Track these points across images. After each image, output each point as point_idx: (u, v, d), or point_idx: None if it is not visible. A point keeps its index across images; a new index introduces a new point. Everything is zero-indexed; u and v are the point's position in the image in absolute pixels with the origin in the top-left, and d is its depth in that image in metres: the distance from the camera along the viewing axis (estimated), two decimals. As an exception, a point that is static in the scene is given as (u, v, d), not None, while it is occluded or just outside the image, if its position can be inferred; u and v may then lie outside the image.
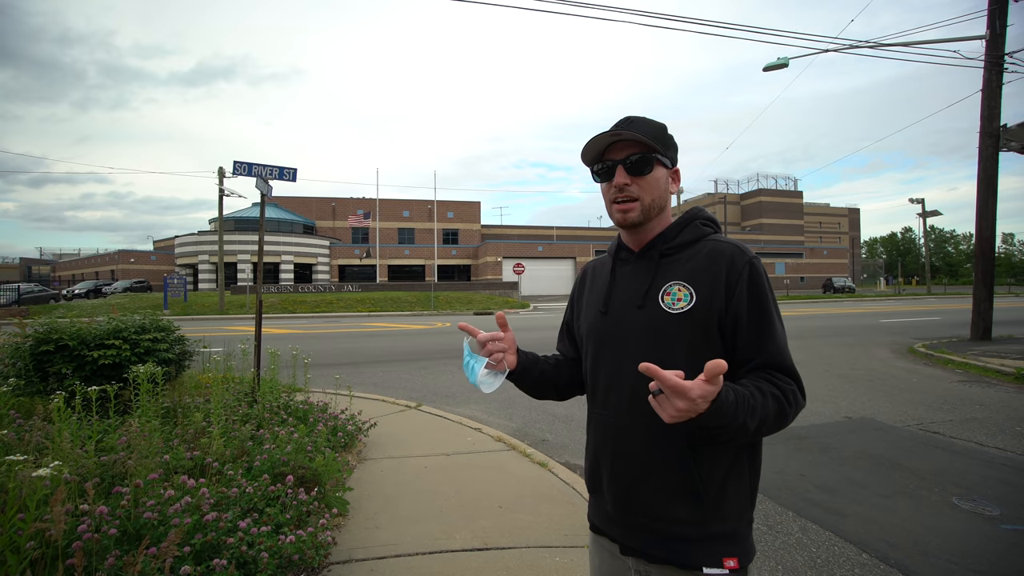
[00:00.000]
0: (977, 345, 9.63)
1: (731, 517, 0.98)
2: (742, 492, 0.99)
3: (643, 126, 1.04)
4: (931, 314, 18.91)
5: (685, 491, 0.96)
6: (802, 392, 0.97)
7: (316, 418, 4.01)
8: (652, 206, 1.05)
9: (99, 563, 1.73)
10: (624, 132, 1.02)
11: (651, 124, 1.05)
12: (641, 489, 1.00)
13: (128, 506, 2.03)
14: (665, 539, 0.98)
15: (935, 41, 10.28)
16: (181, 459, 2.68)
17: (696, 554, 0.96)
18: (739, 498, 0.99)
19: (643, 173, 1.03)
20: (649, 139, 1.02)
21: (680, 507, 0.97)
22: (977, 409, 5.43)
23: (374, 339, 12.86)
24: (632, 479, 1.01)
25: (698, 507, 0.96)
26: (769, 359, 0.96)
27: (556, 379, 1.22)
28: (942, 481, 3.49)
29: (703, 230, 1.08)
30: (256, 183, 4.78)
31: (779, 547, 2.68)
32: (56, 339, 3.70)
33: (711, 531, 0.97)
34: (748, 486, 1.01)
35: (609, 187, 1.07)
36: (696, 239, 1.06)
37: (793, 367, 0.97)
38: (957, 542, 2.68)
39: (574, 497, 3.19)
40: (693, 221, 1.09)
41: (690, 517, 0.97)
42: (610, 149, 1.05)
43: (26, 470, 1.52)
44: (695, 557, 0.96)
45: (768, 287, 1.00)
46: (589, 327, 1.13)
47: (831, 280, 43.37)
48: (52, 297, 28.93)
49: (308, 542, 2.23)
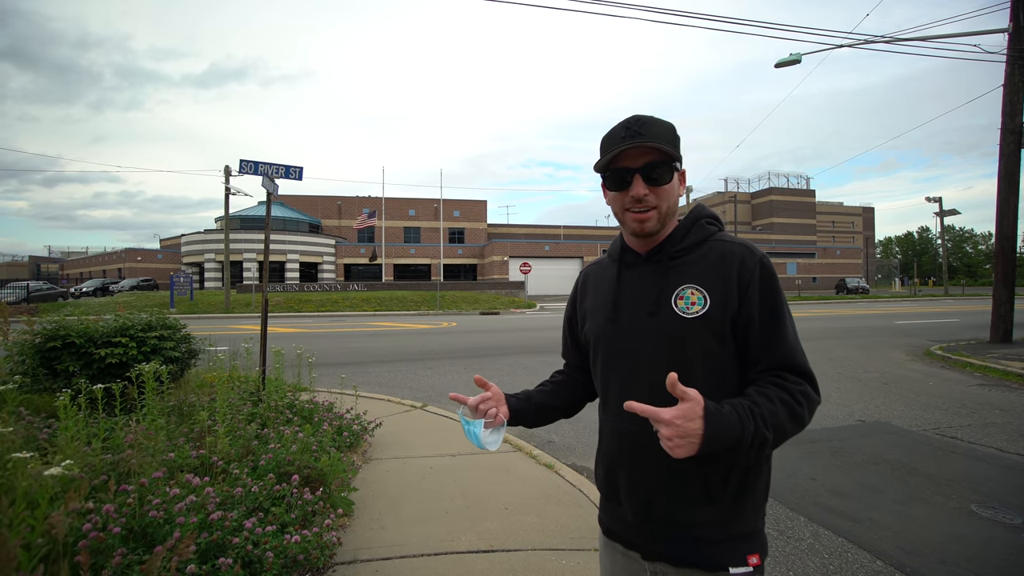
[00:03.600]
0: (997, 348, 9.47)
1: (751, 516, 0.99)
2: (759, 490, 1.01)
3: (658, 128, 0.99)
4: (948, 315, 18.63)
5: (705, 493, 0.97)
6: (815, 389, 0.97)
7: (321, 418, 4.03)
8: (668, 213, 1.03)
9: (105, 561, 1.75)
10: (644, 141, 0.96)
11: (664, 125, 1.01)
12: (661, 499, 1.00)
13: (134, 504, 2.05)
14: (690, 542, 0.98)
15: (955, 35, 10.11)
16: (186, 458, 2.70)
17: (721, 555, 0.96)
18: (756, 496, 1.00)
19: (661, 182, 0.99)
20: (666, 144, 0.98)
21: (702, 510, 0.97)
22: (997, 414, 5.34)
23: (379, 338, 12.92)
24: (650, 489, 1.01)
25: (720, 510, 0.97)
26: (781, 359, 0.96)
27: (556, 404, 1.24)
28: (960, 487, 3.44)
29: (709, 229, 1.06)
30: (262, 182, 4.82)
31: (790, 553, 2.65)
32: (64, 336, 3.75)
33: (733, 532, 0.98)
34: (764, 484, 1.02)
35: (622, 195, 1.01)
36: (704, 239, 1.05)
37: (805, 365, 0.97)
38: (976, 550, 2.64)
39: (581, 499, 3.18)
40: (699, 221, 1.07)
41: (713, 520, 0.97)
42: (623, 155, 0.99)
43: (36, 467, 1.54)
44: (721, 558, 0.96)
45: (779, 286, 1.00)
46: (598, 335, 1.11)
47: (844, 281, 42.87)
48: (60, 295, 29.37)
49: (313, 542, 2.24)
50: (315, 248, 43.88)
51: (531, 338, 12.47)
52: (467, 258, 49.04)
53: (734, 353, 0.99)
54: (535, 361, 8.78)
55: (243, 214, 43.04)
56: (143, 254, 47.33)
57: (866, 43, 10.89)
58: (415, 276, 46.69)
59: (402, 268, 47.40)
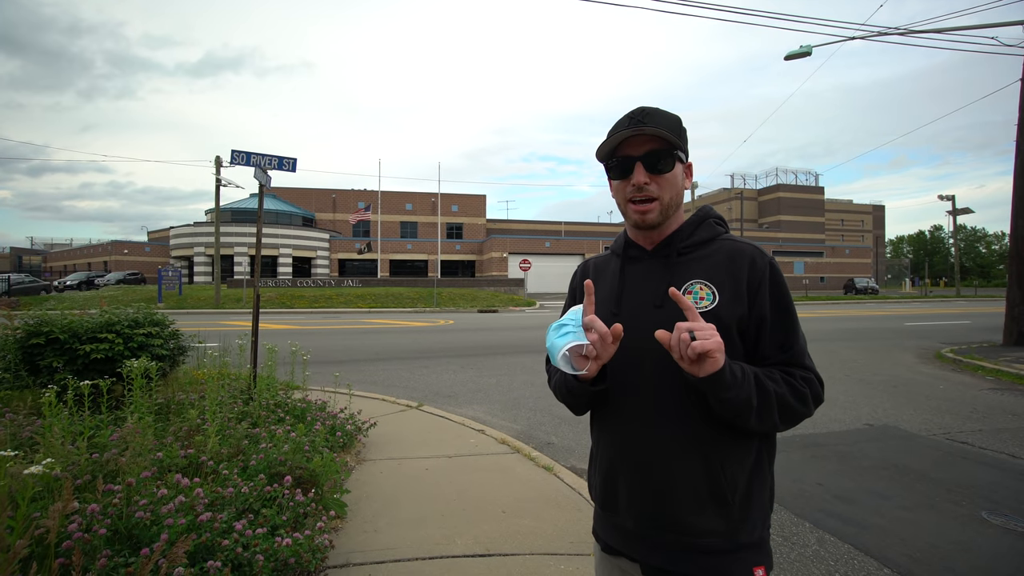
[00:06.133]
0: (1010, 351, 9.49)
1: (757, 524, 0.99)
2: (764, 496, 1.01)
3: (662, 119, 1.02)
4: (960, 317, 18.68)
5: (712, 498, 0.96)
6: (821, 385, 1.01)
7: (314, 417, 4.03)
8: (671, 204, 1.04)
9: (90, 563, 1.75)
10: (645, 128, 0.98)
11: (668, 116, 1.04)
12: (666, 501, 0.98)
13: (120, 505, 2.05)
14: (693, 554, 0.96)
15: (971, 27, 10.09)
16: (175, 457, 2.70)
17: (727, 567, 0.96)
18: (762, 502, 1.01)
19: (663, 171, 1.01)
20: (670, 133, 1.00)
21: (708, 517, 0.96)
22: (1009, 419, 5.35)
23: (375, 336, 12.92)
24: (655, 491, 0.99)
25: (726, 515, 0.96)
26: (789, 360, 1.00)
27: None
28: (970, 494, 3.45)
29: (717, 229, 1.09)
30: (255, 173, 4.80)
31: (795, 559, 2.66)
32: (47, 332, 3.74)
33: (740, 541, 0.97)
34: (769, 489, 1.03)
35: (624, 184, 1.04)
36: (712, 238, 1.07)
37: (814, 368, 1.02)
38: (986, 559, 2.65)
39: (580, 503, 3.18)
40: (707, 219, 1.10)
41: (719, 527, 0.96)
42: (626, 144, 1.02)
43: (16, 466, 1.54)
44: (726, 570, 0.95)
45: (788, 289, 1.04)
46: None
47: (853, 280, 42.94)
48: (43, 288, 29.29)
49: (305, 545, 2.24)
50: (309, 242, 43.81)
51: (530, 337, 12.47)
52: (465, 254, 49.01)
53: (740, 353, 0.99)
54: (534, 360, 8.78)
55: (234, 206, 42.91)
56: (130, 247, 47.24)
57: (879, 35, 10.87)
58: (412, 272, 46.66)
59: (398, 264, 47.35)
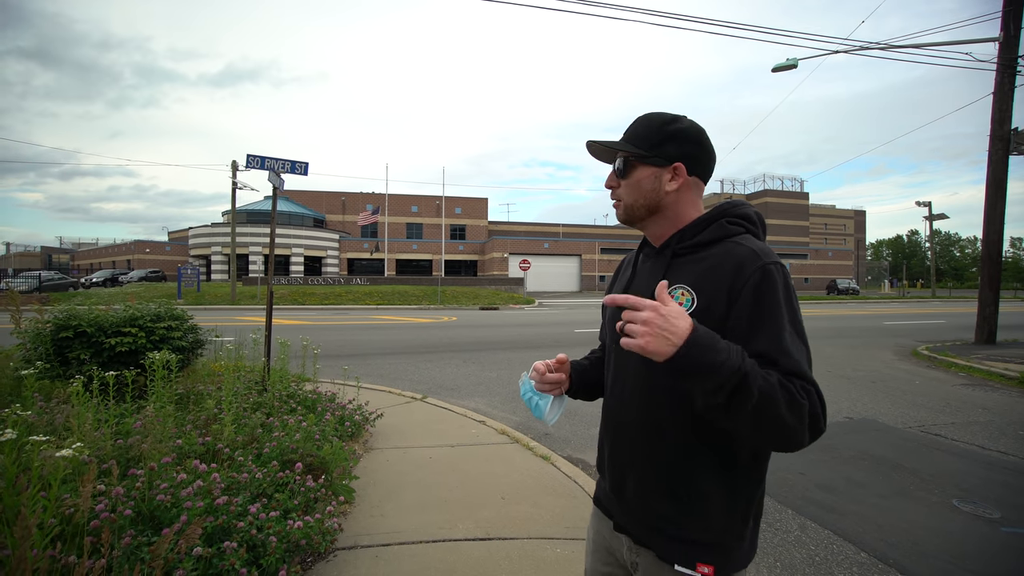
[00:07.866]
0: (981, 349, 9.50)
1: (714, 529, 0.94)
2: (733, 508, 0.94)
3: (639, 126, 1.05)
4: (935, 317, 18.66)
5: (664, 490, 0.98)
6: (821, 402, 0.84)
7: (324, 408, 4.04)
8: (635, 206, 1.05)
9: (116, 541, 1.77)
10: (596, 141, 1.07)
11: (645, 121, 1.04)
12: (629, 478, 1.04)
13: (143, 488, 2.07)
14: (648, 529, 1.01)
15: (948, 43, 10.10)
16: (193, 444, 2.72)
17: (670, 550, 0.97)
18: (727, 514, 0.94)
19: (624, 176, 1.06)
20: (628, 144, 1.03)
21: (660, 503, 0.98)
22: (980, 412, 5.37)
23: (382, 332, 12.93)
24: (623, 468, 1.06)
25: (676, 508, 0.96)
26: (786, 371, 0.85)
27: (599, 378, 1.24)
28: (943, 483, 3.46)
29: (729, 229, 0.98)
30: (268, 176, 4.81)
31: (778, 544, 2.68)
32: (75, 326, 3.76)
33: (689, 535, 0.95)
34: (743, 504, 0.94)
35: None
36: (718, 239, 0.98)
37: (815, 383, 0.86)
38: (956, 544, 2.66)
39: (575, 490, 3.20)
40: (719, 219, 1.00)
41: (668, 514, 0.97)
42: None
43: (49, 450, 1.56)
44: (668, 552, 0.97)
45: (783, 294, 0.89)
46: (609, 317, 1.16)
47: (835, 282, 42.95)
48: (71, 285, 29.31)
49: (315, 528, 2.26)
50: (319, 242, 43.82)
51: (530, 333, 12.48)
52: (468, 254, 49.02)
53: None
54: (534, 356, 8.78)
55: (250, 208, 42.93)
56: (151, 246, 47.26)
57: (861, 49, 10.86)
58: (417, 271, 46.68)
59: (404, 263, 47.37)
